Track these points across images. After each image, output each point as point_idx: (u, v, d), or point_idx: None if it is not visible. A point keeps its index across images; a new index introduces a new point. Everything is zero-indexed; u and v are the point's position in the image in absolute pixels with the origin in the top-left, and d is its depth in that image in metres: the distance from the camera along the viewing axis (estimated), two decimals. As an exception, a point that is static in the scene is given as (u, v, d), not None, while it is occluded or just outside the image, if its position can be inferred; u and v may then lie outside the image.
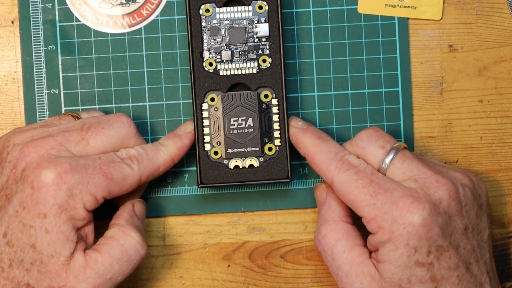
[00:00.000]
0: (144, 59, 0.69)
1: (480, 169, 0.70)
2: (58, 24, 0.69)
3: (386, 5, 0.69)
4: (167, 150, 0.65)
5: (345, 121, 0.69)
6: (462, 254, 0.61)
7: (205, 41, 0.67)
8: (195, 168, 0.69)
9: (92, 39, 0.69)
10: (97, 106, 0.69)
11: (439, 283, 0.61)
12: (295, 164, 0.69)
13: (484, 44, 0.69)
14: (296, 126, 0.66)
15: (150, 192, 0.69)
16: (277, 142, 0.67)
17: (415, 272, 0.60)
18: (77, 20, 0.69)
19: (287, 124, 0.66)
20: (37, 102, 0.69)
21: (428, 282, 0.61)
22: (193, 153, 0.68)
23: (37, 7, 0.69)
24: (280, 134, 0.66)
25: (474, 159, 0.70)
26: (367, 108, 0.69)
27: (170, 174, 0.69)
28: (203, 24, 0.67)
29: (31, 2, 0.68)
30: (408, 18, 0.69)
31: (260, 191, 0.69)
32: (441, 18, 0.69)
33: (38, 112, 0.69)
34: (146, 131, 0.69)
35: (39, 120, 0.69)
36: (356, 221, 0.64)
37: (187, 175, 0.69)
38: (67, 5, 0.69)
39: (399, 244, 0.60)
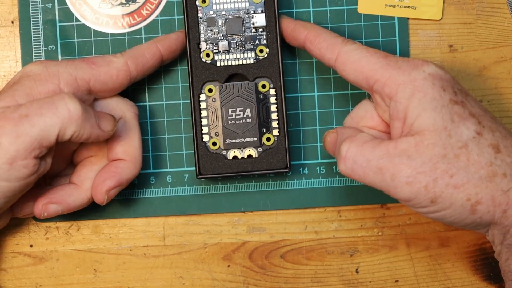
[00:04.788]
0: (144, 59, 0.69)
1: (480, 169, 0.70)
2: (58, 24, 0.69)
3: (386, 5, 0.69)
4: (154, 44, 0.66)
5: (345, 121, 0.69)
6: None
7: (202, 32, 0.67)
8: (195, 169, 0.69)
9: (92, 39, 0.69)
10: (97, 106, 0.69)
11: (479, 118, 0.59)
12: (295, 164, 0.69)
13: (484, 44, 0.69)
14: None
15: (150, 192, 0.69)
16: (275, 132, 0.67)
17: (454, 110, 0.58)
18: (77, 20, 0.69)
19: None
20: (37, 102, 0.69)
21: (470, 117, 0.58)
22: (191, 145, 0.68)
23: (37, 7, 0.69)
24: (278, 124, 0.66)
25: (474, 159, 0.70)
26: (367, 108, 0.69)
27: (170, 174, 0.69)
28: (200, 15, 0.66)
29: (31, 2, 0.68)
30: (408, 18, 0.69)
31: (260, 191, 0.69)
32: (441, 18, 0.69)
33: (38, 112, 0.69)
34: (146, 131, 0.69)
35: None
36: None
37: (187, 175, 0.69)
38: (67, 5, 0.69)
39: (426, 87, 0.59)
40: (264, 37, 0.67)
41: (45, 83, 0.61)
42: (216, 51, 0.66)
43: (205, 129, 0.66)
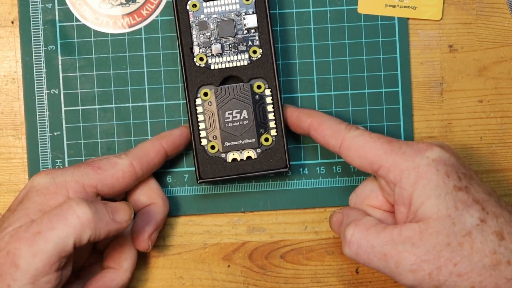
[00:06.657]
0: (144, 59, 0.69)
1: (480, 169, 0.70)
2: (58, 24, 0.69)
3: (386, 5, 0.69)
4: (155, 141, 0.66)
5: (345, 121, 0.69)
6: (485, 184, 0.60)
7: (194, 36, 0.66)
8: (195, 172, 0.69)
9: (92, 39, 0.69)
10: (97, 106, 0.69)
11: (483, 204, 0.59)
12: (295, 165, 0.69)
13: (484, 44, 0.70)
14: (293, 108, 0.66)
15: (150, 192, 0.69)
16: (273, 132, 0.67)
17: (458, 197, 0.58)
18: (77, 20, 0.69)
19: (283, 112, 0.66)
20: (37, 102, 0.69)
21: (473, 204, 0.58)
22: (190, 149, 0.68)
23: (37, 7, 0.69)
24: (275, 124, 0.66)
25: (474, 159, 0.70)
26: (367, 108, 0.69)
27: (170, 174, 0.69)
28: (191, 19, 0.66)
29: (31, 2, 0.68)
30: (408, 18, 0.69)
31: (260, 191, 0.69)
32: (441, 18, 0.69)
33: (38, 112, 0.69)
34: (146, 131, 0.69)
35: (38, 119, 0.69)
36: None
37: (187, 175, 0.69)
38: (67, 5, 0.69)
39: (430, 174, 0.59)
40: (257, 38, 0.66)
41: (54, 196, 0.61)
42: (210, 54, 0.66)
43: (203, 133, 0.66)
